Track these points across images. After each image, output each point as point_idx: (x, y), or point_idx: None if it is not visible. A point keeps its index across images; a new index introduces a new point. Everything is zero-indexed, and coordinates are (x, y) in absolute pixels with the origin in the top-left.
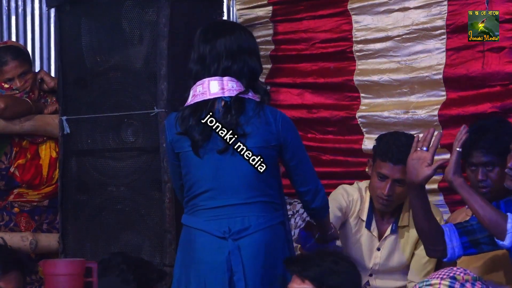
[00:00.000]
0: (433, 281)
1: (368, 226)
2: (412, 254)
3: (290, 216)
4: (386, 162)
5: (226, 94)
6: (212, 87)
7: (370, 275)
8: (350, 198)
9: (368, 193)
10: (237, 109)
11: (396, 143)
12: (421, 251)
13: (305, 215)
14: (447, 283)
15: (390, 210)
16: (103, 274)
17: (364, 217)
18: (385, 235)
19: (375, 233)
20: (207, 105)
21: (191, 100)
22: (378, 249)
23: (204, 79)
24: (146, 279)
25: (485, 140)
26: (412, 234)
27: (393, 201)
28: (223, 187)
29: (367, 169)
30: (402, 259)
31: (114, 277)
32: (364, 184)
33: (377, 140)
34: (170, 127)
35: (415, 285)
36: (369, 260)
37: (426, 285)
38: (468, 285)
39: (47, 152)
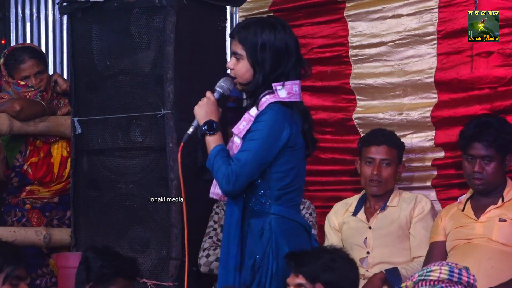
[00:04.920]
0: (434, 267)
1: (355, 214)
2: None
3: None
4: (370, 146)
5: (299, 98)
6: (299, 90)
7: (368, 252)
8: (337, 213)
9: (359, 194)
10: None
11: (376, 131)
12: (413, 230)
13: (304, 211)
14: (447, 268)
15: (382, 192)
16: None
17: (352, 209)
18: (375, 213)
19: (363, 217)
20: (307, 108)
21: (288, 96)
22: (370, 228)
23: (296, 81)
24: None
25: (488, 134)
26: (402, 213)
27: (383, 182)
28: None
29: (357, 167)
30: (396, 229)
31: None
32: (357, 196)
33: (360, 138)
34: (290, 122)
35: (416, 275)
36: (361, 238)
37: (427, 271)
38: (464, 272)
39: (58, 151)
